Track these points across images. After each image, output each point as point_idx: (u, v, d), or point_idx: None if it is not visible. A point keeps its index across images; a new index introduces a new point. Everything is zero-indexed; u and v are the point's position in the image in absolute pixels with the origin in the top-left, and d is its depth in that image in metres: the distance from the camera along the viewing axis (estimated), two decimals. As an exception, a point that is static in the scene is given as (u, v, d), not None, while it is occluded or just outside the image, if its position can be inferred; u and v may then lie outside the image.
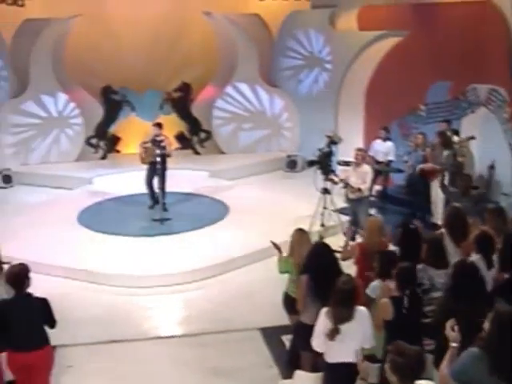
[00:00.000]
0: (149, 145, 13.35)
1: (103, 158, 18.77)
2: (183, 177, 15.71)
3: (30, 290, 6.50)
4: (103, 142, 18.83)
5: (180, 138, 19.33)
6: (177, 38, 18.72)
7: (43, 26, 17.15)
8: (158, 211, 13.08)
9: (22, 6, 16.66)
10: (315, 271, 6.55)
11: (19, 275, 6.35)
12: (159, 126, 13.57)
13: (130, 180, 15.37)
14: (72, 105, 18.04)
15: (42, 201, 15.06)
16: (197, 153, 19.29)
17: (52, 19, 17.16)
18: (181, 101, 19.16)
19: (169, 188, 13.54)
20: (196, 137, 19.37)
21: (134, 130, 17.15)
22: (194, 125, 19.25)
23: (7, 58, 17.37)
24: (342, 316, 5.83)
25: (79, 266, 10.85)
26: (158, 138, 13.26)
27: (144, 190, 13.93)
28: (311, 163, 11.93)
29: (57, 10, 16.89)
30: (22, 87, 17.59)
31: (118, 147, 19.29)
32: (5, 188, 16.63)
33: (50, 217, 13.47)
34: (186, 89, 19.16)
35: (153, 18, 18.18)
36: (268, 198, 14.42)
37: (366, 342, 6.03)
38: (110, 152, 19.01)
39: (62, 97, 17.95)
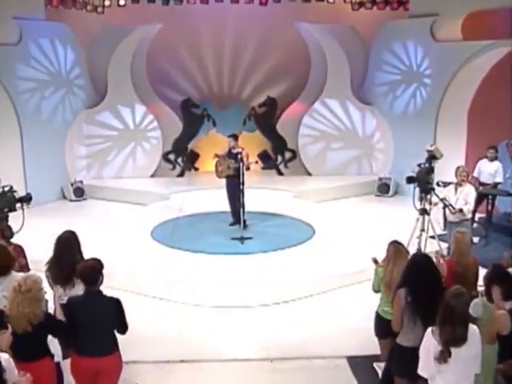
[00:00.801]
0: (225, 157, 13.17)
1: (181, 175, 18.46)
2: (266, 197, 15.51)
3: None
4: (181, 158, 18.54)
5: (263, 156, 18.73)
6: (263, 51, 18.39)
7: (124, 34, 17.26)
8: (239, 230, 12.77)
9: (102, 13, 16.47)
10: (414, 284, 6.02)
11: (92, 269, 6.13)
12: (235, 137, 13.30)
13: (208, 198, 15.05)
14: (150, 117, 17.94)
15: (115, 215, 14.90)
16: (280, 173, 18.77)
17: (133, 26, 17.23)
18: (266, 117, 18.70)
19: (251, 207, 13.22)
20: (280, 156, 18.87)
21: (214, 146, 15.98)
22: (279, 143, 18.78)
23: (84, 65, 17.37)
24: (454, 336, 5.29)
25: (151, 282, 10.62)
26: (235, 151, 12.95)
27: (223, 207, 13.64)
28: (410, 180, 11.22)
29: (137, 18, 16.91)
30: (99, 97, 17.66)
31: (197, 164, 18.97)
32: (76, 201, 16.56)
33: (122, 231, 13.35)
34: (271, 104, 18.64)
35: (237, 30, 18.04)
36: (357, 222, 13.98)
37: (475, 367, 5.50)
38: (189, 169, 18.74)
39: (140, 108, 17.88)
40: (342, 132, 18.43)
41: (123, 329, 6.21)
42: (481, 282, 6.69)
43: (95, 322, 6.05)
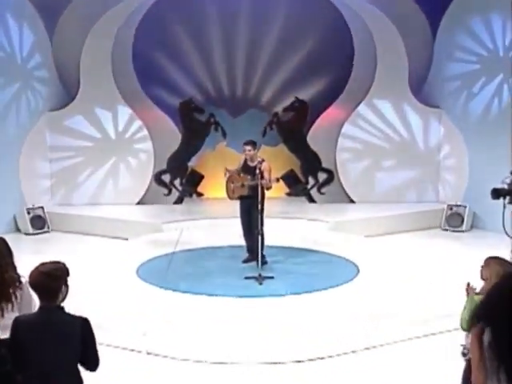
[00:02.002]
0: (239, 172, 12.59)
1: (178, 201, 17.64)
2: (293, 229, 15.25)
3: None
4: (180, 179, 17.75)
5: (289, 179, 17.78)
6: (289, 38, 17.70)
7: (102, 10, 16.50)
8: (255, 268, 12.12)
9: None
10: (498, 319, 4.99)
11: (49, 276, 5.44)
12: (252, 144, 12.48)
13: (215, 230, 14.85)
14: (138, 124, 17.22)
15: (89, 252, 14.04)
16: (312, 200, 17.87)
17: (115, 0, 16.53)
18: (293, 125, 17.81)
19: (273, 241, 12.78)
20: (312, 178, 17.85)
21: (223, 164, 15.29)
22: (311, 160, 17.78)
23: (48, 51, 16.54)
24: None
25: (139, 332, 9.58)
26: (253, 163, 12.13)
27: (234, 240, 13.32)
28: (497, 193, 9.51)
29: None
30: (68, 95, 16.95)
31: (201, 189, 18.32)
32: (35, 234, 15.62)
33: (98, 270, 12.53)
34: (300, 108, 17.74)
35: (255, 10, 17.37)
36: (417, 262, 13.01)
37: None
38: (189, 195, 18.06)
39: (125, 112, 17.16)
40: (397, 144, 17.40)
41: (93, 362, 5.55)
42: None
43: (53, 352, 5.40)
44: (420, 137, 17.41)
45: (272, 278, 11.63)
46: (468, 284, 6.67)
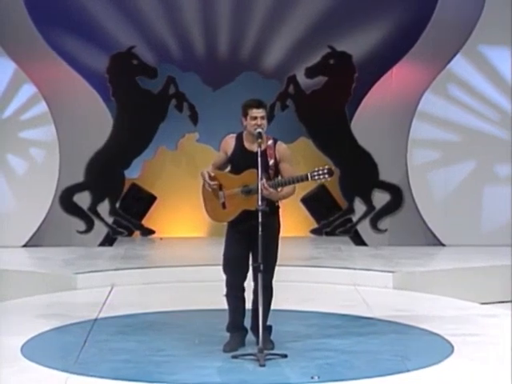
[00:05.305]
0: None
1: (107, 243, 14.97)
2: (329, 283, 13.08)
3: None
4: (110, 202, 15.21)
5: (319, 203, 15.50)
6: None
7: None
8: (252, 342, 9.59)
9: None
10: None
11: None
12: (265, 107, 9.46)
13: (170, 288, 12.90)
14: (30, 91, 14.66)
15: None
16: (361, 241, 14.92)
17: None
18: (325, 101, 14.87)
19: (293, 303, 11.24)
20: (362, 201, 15.08)
21: (193, 174, 13.57)
22: (358, 168, 15.03)
23: None
24: None
25: None
26: (263, 145, 9.21)
27: (204, 304, 11.56)
28: None
29: None
30: None
31: (148, 221, 15.60)
32: None
33: None
34: (339, 68, 14.81)
35: None
36: None
37: None
38: (126, 231, 15.37)
39: (5, 67, 14.76)
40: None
41: None
42: None
43: None
44: None
45: (284, 356, 9.00)
46: None
